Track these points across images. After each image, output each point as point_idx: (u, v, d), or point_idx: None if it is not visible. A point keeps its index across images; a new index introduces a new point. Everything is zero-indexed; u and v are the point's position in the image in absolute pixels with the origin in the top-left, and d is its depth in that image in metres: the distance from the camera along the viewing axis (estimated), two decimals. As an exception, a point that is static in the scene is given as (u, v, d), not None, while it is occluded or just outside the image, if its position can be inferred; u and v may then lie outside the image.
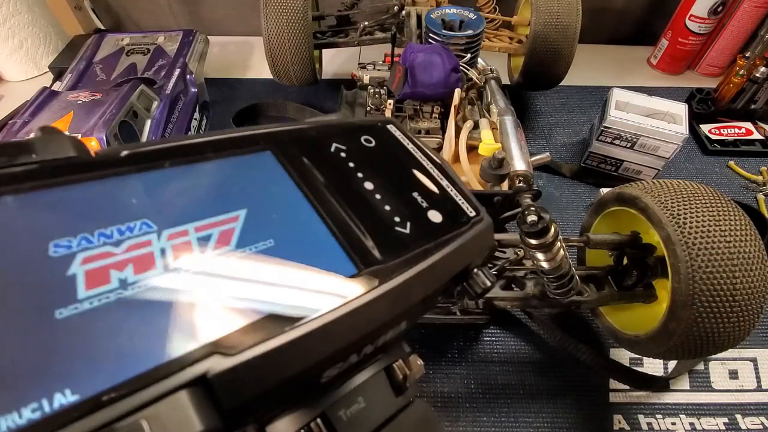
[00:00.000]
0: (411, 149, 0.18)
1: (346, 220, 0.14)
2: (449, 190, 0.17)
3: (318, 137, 0.16)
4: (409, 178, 0.16)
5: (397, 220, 0.14)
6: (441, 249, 0.14)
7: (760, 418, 0.43)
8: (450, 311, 0.38)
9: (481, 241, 0.15)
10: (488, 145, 0.44)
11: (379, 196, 0.15)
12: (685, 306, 0.32)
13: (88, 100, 0.55)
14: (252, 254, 0.12)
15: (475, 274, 0.15)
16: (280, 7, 0.59)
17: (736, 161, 0.65)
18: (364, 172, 0.16)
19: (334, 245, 0.13)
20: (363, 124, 0.18)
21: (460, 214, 0.16)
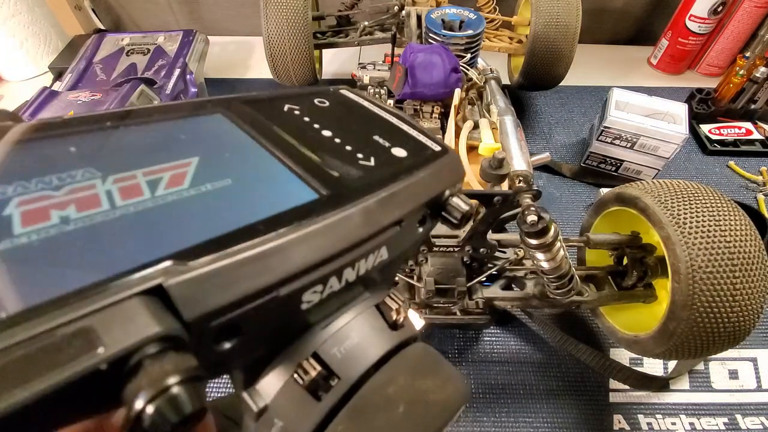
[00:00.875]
0: (366, 104, 0.18)
1: (307, 158, 0.14)
2: (411, 131, 0.17)
3: (269, 100, 0.17)
4: (367, 125, 0.17)
5: (360, 156, 0.15)
6: (408, 174, 0.14)
7: (760, 418, 0.43)
8: (450, 311, 0.38)
9: (450, 169, 0.16)
10: (488, 145, 0.44)
11: (338, 140, 0.15)
12: (685, 306, 0.32)
13: (88, 100, 0.55)
14: (208, 189, 0.12)
15: (450, 202, 0.15)
16: (280, 7, 0.59)
17: (736, 161, 0.65)
18: (321, 123, 0.16)
19: (295, 179, 0.13)
20: (313, 90, 0.18)
21: (424, 149, 0.16)
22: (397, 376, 0.13)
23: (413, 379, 0.13)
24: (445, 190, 0.15)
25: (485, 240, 0.37)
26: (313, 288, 0.12)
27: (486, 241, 0.37)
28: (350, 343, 0.13)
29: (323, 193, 0.13)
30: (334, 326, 0.14)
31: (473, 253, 0.38)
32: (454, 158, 0.16)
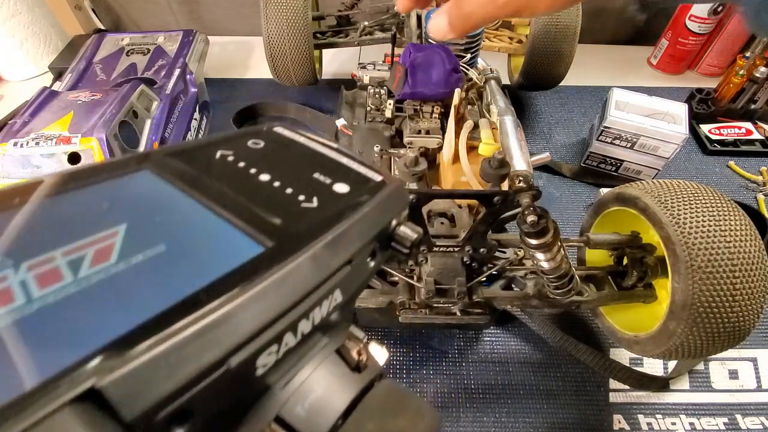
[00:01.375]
0: (303, 141, 0.18)
1: (246, 208, 0.13)
2: (351, 164, 0.17)
3: (199, 149, 0.16)
4: (306, 164, 0.16)
5: (302, 198, 0.14)
6: (353, 211, 0.14)
7: (760, 418, 0.43)
8: (450, 311, 0.38)
9: (394, 199, 0.16)
10: (488, 145, 0.44)
11: (278, 183, 0.15)
12: (685, 306, 0.32)
13: (88, 100, 0.55)
14: (140, 261, 0.11)
15: (398, 231, 0.15)
16: (280, 7, 0.59)
17: (736, 161, 0.65)
18: (257, 167, 0.15)
19: (234, 232, 0.12)
20: (247, 132, 0.18)
21: (366, 181, 0.16)
22: (366, 422, 0.13)
23: (383, 421, 0.13)
24: (392, 221, 0.15)
25: (485, 240, 0.37)
26: (268, 350, 0.11)
27: (486, 241, 0.37)
28: (314, 397, 0.13)
29: (268, 245, 0.12)
30: (295, 382, 0.13)
31: (473, 253, 0.38)
32: (397, 187, 0.16)
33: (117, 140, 0.52)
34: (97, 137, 0.50)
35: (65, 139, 0.50)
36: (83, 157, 0.50)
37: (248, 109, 0.70)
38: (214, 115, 0.72)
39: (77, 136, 0.50)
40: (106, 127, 0.50)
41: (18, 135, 0.50)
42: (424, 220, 0.36)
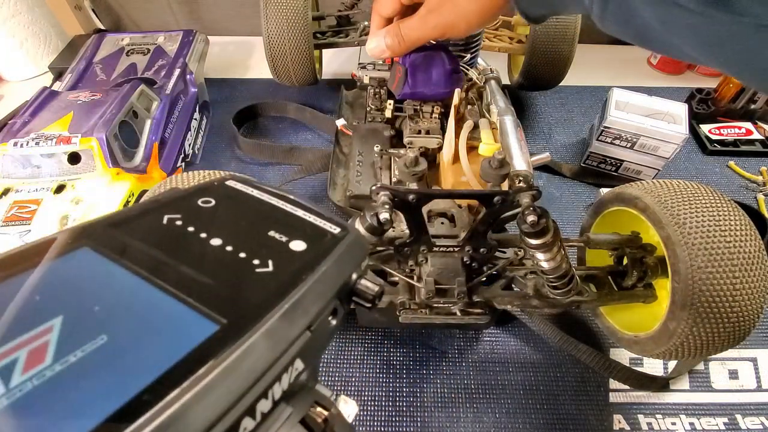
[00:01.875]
0: (256, 195, 0.17)
1: (196, 281, 0.12)
2: (307, 217, 0.16)
3: (144, 215, 0.15)
4: (261, 221, 0.16)
5: (256, 262, 0.14)
6: (311, 272, 0.13)
7: (760, 418, 0.43)
8: (450, 311, 0.38)
9: (353, 252, 0.15)
10: (488, 145, 0.44)
11: (230, 247, 0.14)
12: (685, 306, 0.32)
13: (88, 100, 0.55)
14: (78, 358, 0.10)
15: (359, 284, 0.15)
16: (280, 8, 0.59)
17: (736, 161, 0.65)
18: (208, 231, 0.15)
19: (184, 310, 0.12)
20: (197, 189, 0.17)
21: (323, 235, 0.15)
22: None
23: None
24: (352, 275, 0.15)
25: (485, 240, 0.37)
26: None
27: (486, 241, 0.37)
28: None
29: (222, 322, 0.11)
30: None
31: (473, 253, 0.38)
32: (356, 237, 0.16)
33: (117, 140, 0.52)
34: (97, 137, 0.50)
35: (65, 139, 0.50)
36: (83, 157, 0.50)
37: (248, 109, 0.70)
38: (214, 115, 0.72)
39: (77, 136, 0.50)
40: (106, 127, 0.50)
41: (18, 135, 0.50)
42: (424, 220, 0.36)
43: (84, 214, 0.47)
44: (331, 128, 0.65)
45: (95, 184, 0.50)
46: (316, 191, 0.61)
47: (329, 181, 0.50)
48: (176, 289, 0.12)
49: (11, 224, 0.46)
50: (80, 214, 0.47)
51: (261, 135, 0.69)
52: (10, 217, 0.47)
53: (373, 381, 0.44)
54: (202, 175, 0.36)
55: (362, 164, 0.50)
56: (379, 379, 0.44)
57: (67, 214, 0.47)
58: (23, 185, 0.50)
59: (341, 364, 0.45)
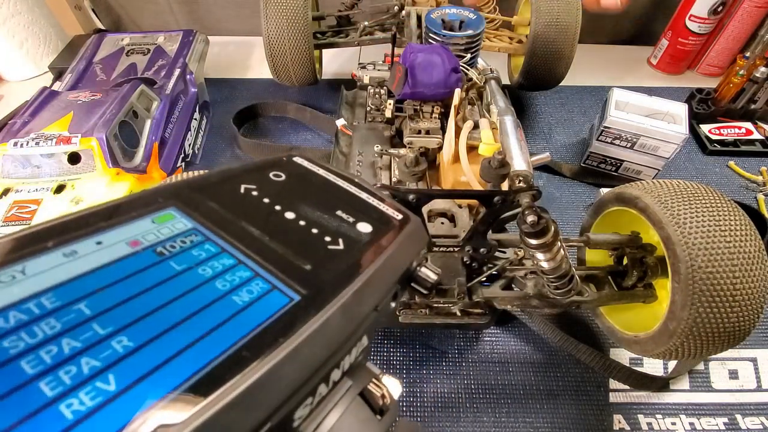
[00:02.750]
0: (323, 174, 0.18)
1: (276, 252, 0.13)
2: (371, 201, 0.17)
3: (224, 182, 0.16)
4: (329, 200, 0.16)
5: (328, 239, 0.14)
6: (379, 255, 0.14)
7: (760, 418, 0.43)
8: (450, 311, 0.38)
9: (415, 240, 0.16)
10: (488, 145, 0.44)
11: (303, 222, 0.15)
12: (685, 306, 0.32)
13: (88, 100, 0.55)
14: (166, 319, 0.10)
15: (419, 271, 0.15)
16: (280, 7, 0.59)
17: (736, 161, 0.65)
18: (282, 203, 0.15)
19: (268, 281, 0.12)
20: (267, 162, 0.18)
21: (388, 220, 0.16)
22: None
23: None
24: (413, 262, 0.15)
25: (485, 240, 0.37)
26: (304, 403, 0.11)
27: (486, 241, 0.37)
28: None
29: (301, 293, 0.12)
30: (324, 427, 0.13)
31: (473, 253, 0.38)
32: (417, 225, 0.16)
33: (117, 140, 0.52)
34: (97, 137, 0.50)
35: (65, 139, 0.50)
36: (83, 157, 0.50)
37: (248, 109, 0.70)
38: (214, 115, 0.72)
39: (77, 136, 0.50)
40: (106, 127, 0.50)
41: (18, 135, 0.50)
42: (424, 220, 0.36)
43: (84, 214, 0.47)
44: (331, 128, 0.65)
45: (95, 184, 0.50)
46: (316, 191, 0.61)
47: (329, 181, 0.50)
48: (260, 257, 0.13)
49: (11, 224, 0.46)
50: (80, 214, 0.47)
51: (261, 135, 0.69)
52: (10, 217, 0.47)
53: (373, 381, 0.44)
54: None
55: (362, 164, 0.50)
56: (379, 379, 0.44)
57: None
58: (23, 185, 0.50)
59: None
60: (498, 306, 0.39)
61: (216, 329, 0.11)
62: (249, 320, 0.11)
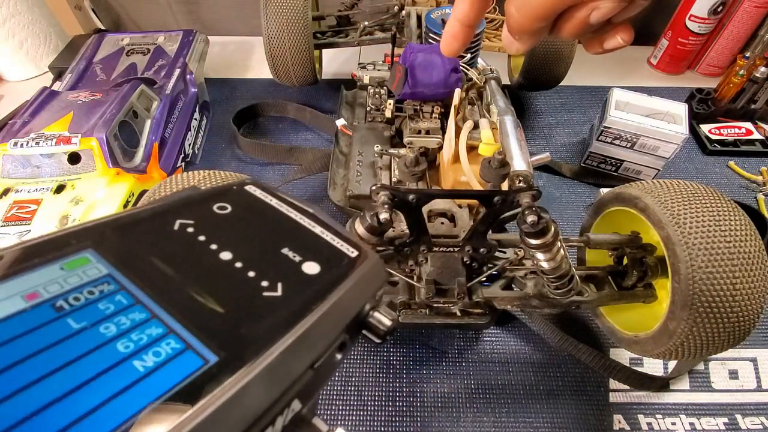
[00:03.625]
0: (275, 204, 0.16)
1: (198, 303, 0.12)
2: (324, 236, 0.15)
3: (155, 218, 0.14)
4: (276, 236, 0.15)
5: (265, 284, 0.13)
6: (321, 302, 0.12)
7: (760, 418, 0.43)
8: (450, 311, 0.38)
9: (370, 280, 0.14)
10: (488, 145, 0.44)
11: (239, 264, 0.13)
12: (685, 306, 0.32)
13: (88, 100, 0.55)
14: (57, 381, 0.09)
15: (371, 317, 0.14)
16: (280, 7, 0.59)
17: (736, 161, 0.65)
18: (219, 242, 0.14)
19: (179, 341, 0.11)
20: (214, 192, 0.16)
21: (340, 258, 0.14)
22: None
23: None
24: (366, 305, 0.14)
25: (485, 240, 0.37)
26: None
27: (486, 241, 0.37)
28: None
29: (219, 354, 0.10)
30: None
31: (473, 253, 0.38)
32: (374, 262, 0.14)
33: (117, 140, 0.52)
34: (97, 137, 0.50)
35: (65, 139, 0.50)
36: (83, 157, 0.50)
37: (248, 109, 0.70)
38: (214, 115, 0.72)
39: (77, 136, 0.50)
40: (106, 127, 0.50)
41: (18, 135, 0.50)
42: (424, 220, 0.36)
43: (84, 214, 0.47)
44: (331, 128, 0.65)
45: (95, 184, 0.50)
46: (316, 191, 0.61)
47: (329, 181, 0.50)
48: (179, 309, 0.11)
49: (11, 224, 0.46)
50: (80, 214, 0.47)
51: (261, 135, 0.69)
52: (10, 217, 0.47)
53: (373, 381, 0.44)
54: (202, 175, 0.36)
55: (362, 164, 0.50)
56: (379, 379, 0.44)
57: (67, 214, 0.47)
58: (23, 185, 0.50)
59: (341, 364, 0.45)
60: (498, 306, 0.39)
61: (103, 406, 0.09)
62: (147, 392, 0.09)
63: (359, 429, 0.41)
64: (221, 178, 0.37)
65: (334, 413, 0.42)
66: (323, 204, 0.59)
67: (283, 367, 0.11)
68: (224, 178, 0.37)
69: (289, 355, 0.11)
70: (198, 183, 0.35)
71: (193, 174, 0.36)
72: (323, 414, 0.42)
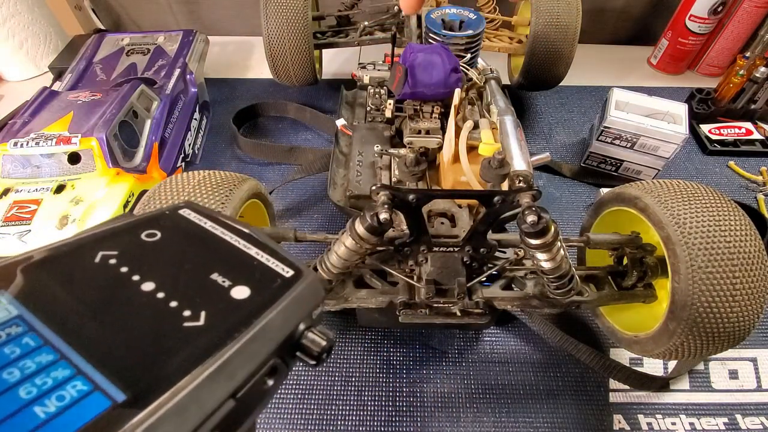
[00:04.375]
0: (209, 227, 0.16)
1: (110, 340, 0.11)
2: (258, 257, 0.14)
3: (76, 251, 0.14)
4: (206, 260, 0.14)
5: (187, 314, 0.12)
6: (246, 328, 0.12)
7: (760, 418, 0.43)
8: (450, 311, 0.38)
9: (304, 300, 0.14)
10: (488, 145, 0.44)
11: (162, 294, 0.13)
12: (685, 306, 0.32)
13: (88, 100, 0.55)
14: None
15: (305, 337, 0.13)
16: (280, 7, 0.59)
17: (736, 161, 0.65)
18: (142, 272, 0.13)
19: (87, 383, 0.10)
20: (144, 219, 0.16)
21: (272, 279, 0.14)
22: None
23: None
24: (299, 326, 0.13)
25: (485, 240, 0.37)
26: None
27: (486, 241, 0.37)
28: None
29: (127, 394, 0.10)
30: None
31: (473, 253, 0.38)
32: (310, 281, 0.14)
33: (117, 140, 0.52)
34: (97, 137, 0.50)
35: (65, 139, 0.50)
36: (83, 157, 0.50)
37: (248, 109, 0.70)
38: (214, 115, 0.72)
39: (77, 136, 0.50)
40: (106, 127, 0.50)
41: (18, 135, 0.50)
42: (424, 220, 0.36)
43: (84, 214, 0.47)
44: (331, 128, 0.65)
45: (95, 184, 0.50)
46: (316, 191, 0.61)
47: (329, 181, 0.50)
48: (88, 348, 0.11)
49: (11, 224, 0.46)
50: (80, 214, 0.47)
51: (261, 135, 0.69)
52: (10, 217, 0.47)
53: (373, 381, 0.44)
54: (202, 175, 0.36)
55: (362, 164, 0.50)
56: (379, 379, 0.44)
57: (67, 214, 0.47)
58: (23, 185, 0.50)
59: (341, 364, 0.45)
60: (498, 306, 0.39)
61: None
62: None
63: (359, 429, 0.41)
64: (221, 177, 0.37)
65: (334, 413, 0.42)
66: (323, 204, 0.59)
67: (195, 401, 0.10)
68: (224, 177, 0.37)
69: (203, 388, 0.10)
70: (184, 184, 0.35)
71: (193, 174, 0.36)
72: (323, 413, 0.42)
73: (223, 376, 0.11)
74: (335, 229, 0.40)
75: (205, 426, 0.10)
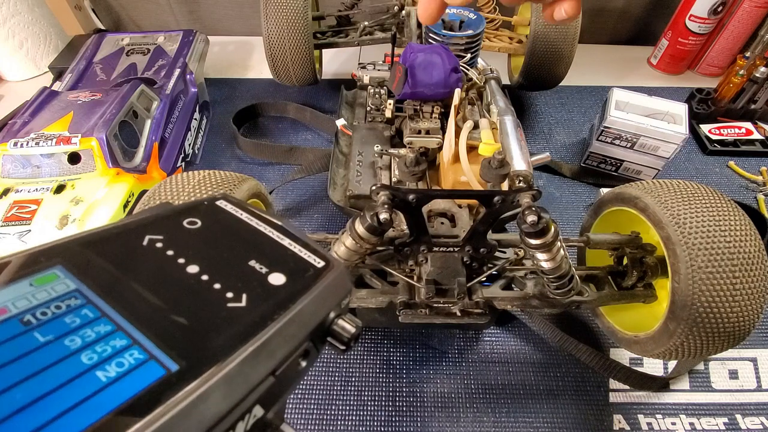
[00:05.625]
0: (245, 218, 0.17)
1: (160, 315, 0.12)
2: (291, 247, 0.15)
3: (124, 234, 0.15)
4: (244, 248, 0.15)
5: (230, 296, 0.13)
6: (284, 311, 0.13)
7: (760, 418, 0.43)
8: (450, 311, 0.38)
9: (335, 289, 0.14)
10: (488, 145, 0.44)
11: (206, 276, 0.13)
12: (685, 306, 0.32)
13: (88, 100, 0.55)
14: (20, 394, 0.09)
15: (336, 324, 0.14)
16: (280, 7, 0.59)
17: (736, 161, 0.65)
18: (186, 256, 0.14)
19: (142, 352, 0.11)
20: (184, 208, 0.17)
21: (305, 269, 0.15)
22: None
23: None
24: (330, 314, 0.14)
25: (485, 240, 0.37)
26: None
27: (486, 241, 0.37)
28: None
29: (180, 364, 0.11)
30: None
31: (473, 253, 0.38)
32: (340, 272, 0.15)
33: (117, 140, 0.52)
34: (97, 137, 0.50)
35: (65, 139, 0.50)
36: (83, 157, 0.50)
37: (248, 109, 0.70)
38: (214, 115, 0.72)
39: (77, 136, 0.50)
40: (106, 127, 0.50)
41: (18, 135, 0.50)
42: (424, 220, 0.36)
43: (84, 214, 0.47)
44: (331, 128, 0.65)
45: (95, 184, 0.50)
46: (316, 191, 0.61)
47: (329, 181, 0.50)
48: (143, 322, 0.12)
49: (11, 224, 0.46)
50: (80, 214, 0.47)
51: (261, 135, 0.69)
52: (10, 217, 0.47)
53: (373, 381, 0.44)
54: (202, 175, 0.36)
55: (362, 164, 0.50)
56: (379, 379, 0.44)
57: (67, 214, 0.47)
58: (23, 185, 0.50)
59: (341, 363, 0.45)
60: (498, 306, 0.39)
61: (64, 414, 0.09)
62: (109, 400, 0.10)
63: (359, 429, 0.41)
64: (221, 177, 0.37)
65: (334, 413, 0.42)
66: (323, 204, 0.59)
67: (241, 374, 0.11)
68: (224, 177, 0.37)
69: (248, 363, 0.11)
70: (183, 184, 0.35)
71: (193, 174, 0.36)
72: (323, 413, 0.42)
73: (264, 354, 0.12)
74: (335, 229, 0.40)
75: (249, 398, 0.11)
